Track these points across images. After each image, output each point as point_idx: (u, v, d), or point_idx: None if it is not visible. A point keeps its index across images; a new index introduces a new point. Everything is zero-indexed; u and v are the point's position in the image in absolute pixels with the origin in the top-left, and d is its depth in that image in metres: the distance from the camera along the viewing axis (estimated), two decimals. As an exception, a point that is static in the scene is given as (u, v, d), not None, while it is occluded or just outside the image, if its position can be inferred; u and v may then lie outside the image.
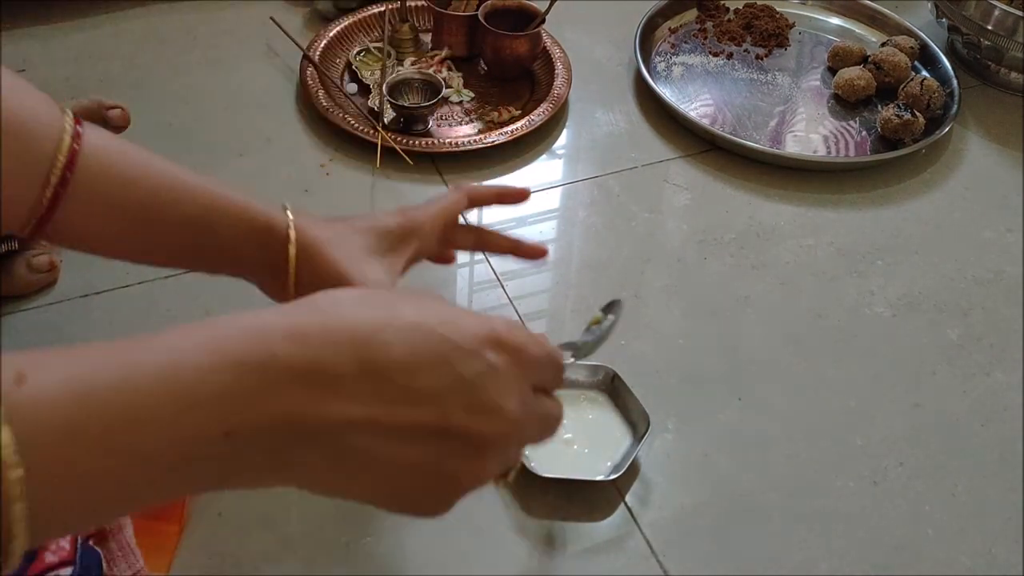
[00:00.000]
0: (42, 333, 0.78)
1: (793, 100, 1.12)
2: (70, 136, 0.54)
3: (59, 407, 0.33)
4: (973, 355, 0.85)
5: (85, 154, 0.55)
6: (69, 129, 0.54)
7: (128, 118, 0.83)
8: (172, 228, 0.58)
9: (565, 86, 1.06)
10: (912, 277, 0.92)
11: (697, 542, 0.69)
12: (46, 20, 1.11)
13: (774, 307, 0.88)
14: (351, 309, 0.40)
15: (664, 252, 0.92)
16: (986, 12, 1.12)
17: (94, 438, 0.34)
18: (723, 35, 1.20)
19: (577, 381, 0.74)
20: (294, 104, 1.04)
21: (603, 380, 0.74)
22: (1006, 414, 0.80)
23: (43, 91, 0.57)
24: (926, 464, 0.76)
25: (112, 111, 0.82)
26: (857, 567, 0.69)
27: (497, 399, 0.41)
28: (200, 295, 0.81)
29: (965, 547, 0.71)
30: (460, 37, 1.10)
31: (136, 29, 1.12)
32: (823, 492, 0.73)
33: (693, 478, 0.73)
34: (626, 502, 0.71)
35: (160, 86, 1.04)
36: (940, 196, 1.02)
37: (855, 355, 0.84)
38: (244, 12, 1.15)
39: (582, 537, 0.68)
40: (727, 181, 1.01)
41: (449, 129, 1.02)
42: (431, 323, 0.40)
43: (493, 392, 0.41)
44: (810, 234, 0.95)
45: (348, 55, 1.09)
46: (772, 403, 0.79)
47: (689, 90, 1.12)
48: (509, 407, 0.42)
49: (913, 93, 1.08)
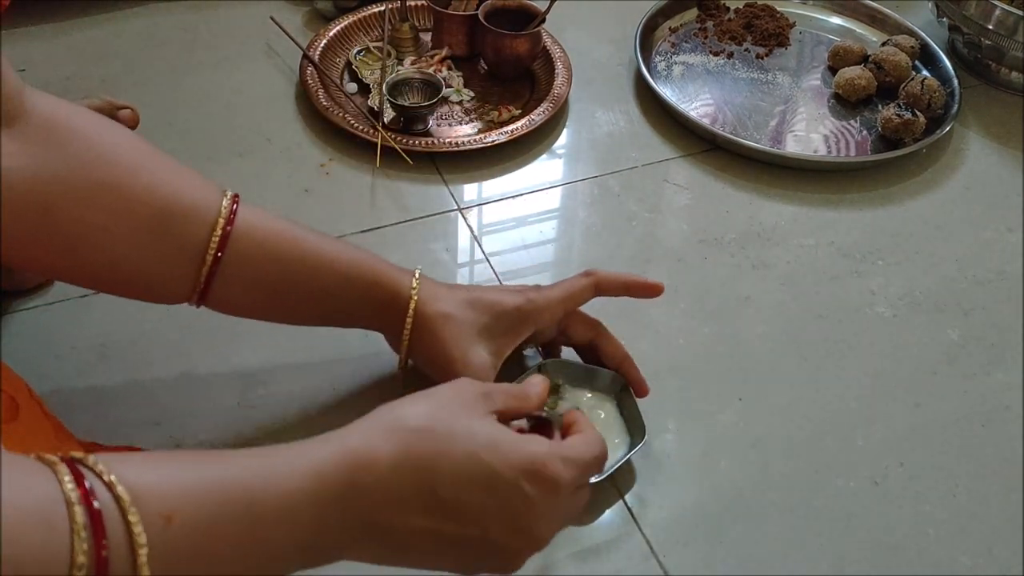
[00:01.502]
0: (42, 333, 0.78)
1: (794, 100, 1.12)
2: (224, 218, 0.60)
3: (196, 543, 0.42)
4: (973, 355, 0.85)
5: (236, 235, 0.61)
6: (224, 212, 0.61)
7: (138, 118, 0.84)
8: (309, 299, 0.65)
9: (565, 85, 1.06)
10: (912, 277, 0.92)
11: (697, 542, 0.69)
12: (46, 19, 1.10)
13: (774, 307, 0.88)
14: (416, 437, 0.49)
15: (664, 252, 0.92)
16: (987, 12, 1.12)
17: (217, 560, 0.43)
18: (723, 34, 1.20)
19: (589, 383, 0.73)
20: (294, 104, 1.04)
21: (611, 386, 0.73)
22: (1006, 414, 0.80)
23: (43, 90, 0.57)
24: (926, 464, 0.76)
25: (123, 111, 0.82)
26: (857, 567, 0.69)
27: (530, 524, 0.51)
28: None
29: (965, 547, 0.71)
30: (460, 36, 1.10)
31: (136, 29, 1.12)
32: (823, 492, 0.73)
33: (693, 478, 0.73)
34: (626, 502, 0.71)
35: (160, 85, 1.04)
36: (940, 196, 1.02)
37: (855, 355, 0.84)
38: (244, 11, 1.15)
39: (582, 537, 0.68)
40: (727, 181, 1.01)
41: (449, 129, 1.02)
42: (479, 452, 0.50)
43: (527, 519, 0.51)
44: (811, 234, 0.95)
45: (348, 54, 1.09)
46: (772, 403, 0.79)
47: (689, 90, 1.12)
48: (538, 531, 0.52)
49: (914, 93, 1.07)
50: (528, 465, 0.50)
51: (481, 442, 0.50)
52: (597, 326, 0.73)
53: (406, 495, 0.48)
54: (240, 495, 0.44)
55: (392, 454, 0.48)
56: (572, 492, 0.54)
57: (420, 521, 0.49)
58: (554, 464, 0.51)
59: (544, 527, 0.52)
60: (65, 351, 0.77)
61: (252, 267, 0.62)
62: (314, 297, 0.65)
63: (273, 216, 0.64)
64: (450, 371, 0.64)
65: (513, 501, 0.50)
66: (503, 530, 0.50)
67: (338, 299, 0.66)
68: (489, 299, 0.67)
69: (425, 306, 0.66)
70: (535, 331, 0.69)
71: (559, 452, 0.53)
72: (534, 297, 0.68)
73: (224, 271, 0.61)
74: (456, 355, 0.65)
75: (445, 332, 0.66)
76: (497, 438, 0.51)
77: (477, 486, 0.49)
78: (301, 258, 0.64)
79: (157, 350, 0.77)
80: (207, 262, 0.60)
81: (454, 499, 0.49)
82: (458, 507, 0.49)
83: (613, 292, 0.72)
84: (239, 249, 0.61)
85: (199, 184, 0.62)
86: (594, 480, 0.61)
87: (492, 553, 0.51)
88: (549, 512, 0.52)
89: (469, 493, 0.49)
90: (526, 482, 0.50)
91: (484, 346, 0.66)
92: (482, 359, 0.66)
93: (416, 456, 0.49)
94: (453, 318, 0.66)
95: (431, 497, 0.48)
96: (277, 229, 0.64)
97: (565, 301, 0.69)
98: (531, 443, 0.52)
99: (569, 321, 0.71)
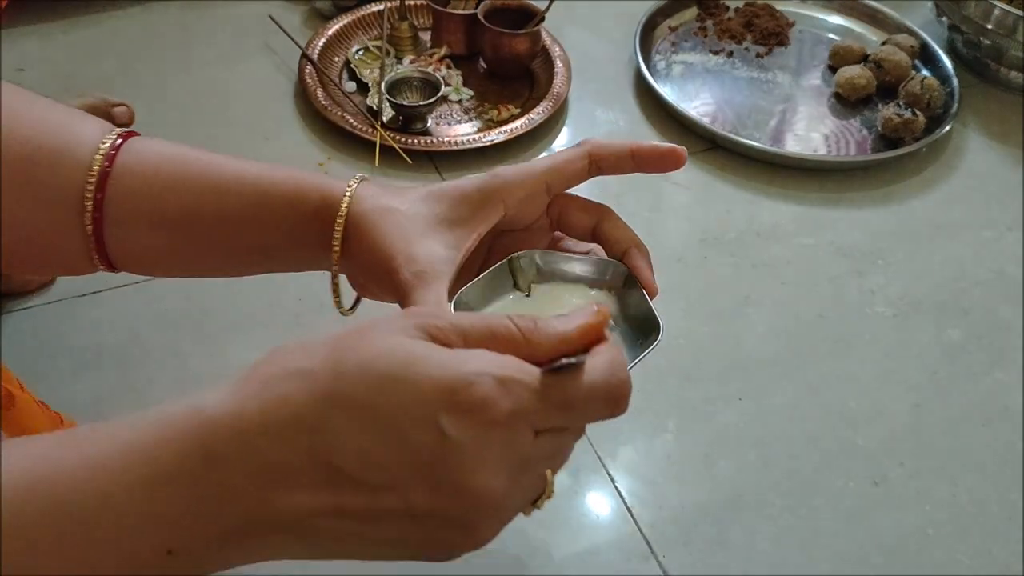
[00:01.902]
0: (42, 333, 0.78)
1: (794, 99, 1.12)
2: (102, 155, 0.50)
3: (15, 511, 0.34)
4: (973, 355, 0.85)
5: (120, 172, 0.50)
6: (104, 149, 0.50)
7: (133, 116, 0.84)
8: (222, 230, 0.52)
9: (565, 84, 1.06)
10: (912, 276, 0.92)
11: (697, 542, 0.69)
12: (45, 18, 1.10)
13: (774, 307, 0.87)
14: (295, 385, 0.35)
15: (664, 251, 0.92)
16: (986, 11, 1.12)
17: (44, 545, 0.34)
18: (723, 33, 1.20)
19: (579, 277, 0.53)
20: (292, 102, 1.04)
21: (612, 279, 0.53)
22: (1006, 414, 0.80)
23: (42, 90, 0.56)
24: (926, 464, 0.76)
25: (117, 109, 0.82)
26: (857, 567, 0.68)
27: (459, 477, 0.35)
28: (199, 296, 0.81)
29: (965, 547, 0.70)
30: (459, 35, 1.10)
31: (135, 27, 1.12)
32: (823, 492, 0.73)
33: (693, 478, 0.73)
34: (626, 502, 0.70)
35: (158, 84, 1.04)
36: (940, 195, 1.02)
37: (855, 355, 0.84)
38: (242, 10, 1.15)
39: (582, 537, 0.68)
40: (727, 180, 1.00)
41: (448, 128, 1.02)
42: (376, 393, 0.34)
43: (454, 468, 0.35)
44: (811, 233, 0.95)
45: (347, 53, 1.09)
46: (772, 403, 0.79)
47: (689, 89, 1.12)
48: (475, 483, 0.35)
49: (913, 92, 1.07)
50: (446, 390, 0.34)
51: (393, 369, 0.35)
52: (601, 209, 0.53)
53: (295, 463, 0.34)
54: (44, 490, 0.34)
55: (261, 410, 0.35)
56: (524, 429, 0.36)
57: (320, 497, 0.35)
58: (482, 385, 0.34)
59: (484, 480, 0.35)
60: (62, 351, 0.76)
61: (147, 204, 0.51)
62: (228, 226, 0.51)
63: (173, 144, 0.53)
64: (392, 275, 0.48)
65: (430, 447, 0.34)
66: (428, 493, 0.35)
67: (258, 223, 0.51)
68: (445, 185, 0.51)
69: (362, 203, 0.50)
70: (506, 215, 0.51)
71: (497, 369, 0.35)
72: (502, 171, 0.51)
73: (113, 215, 0.50)
74: (397, 250, 0.48)
75: (384, 226, 0.49)
76: (414, 359, 0.35)
77: (383, 435, 0.34)
78: (203, 182, 0.51)
79: (153, 350, 0.77)
80: (88, 208, 0.49)
81: (357, 460, 0.34)
82: (363, 471, 0.34)
83: (616, 166, 0.52)
84: (127, 186, 0.50)
85: (76, 125, 0.51)
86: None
87: (429, 529, 0.36)
88: (483, 457, 0.35)
89: (374, 446, 0.34)
90: (445, 414, 0.34)
91: (437, 238, 0.49)
92: (433, 252, 0.48)
93: (296, 406, 0.35)
94: (396, 211, 0.50)
95: (323, 462, 0.34)
96: (172, 155, 0.51)
97: (547, 174, 0.51)
98: (467, 360, 0.35)
99: (564, 206, 0.53)
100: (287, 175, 0.51)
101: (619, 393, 0.38)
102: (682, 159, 0.52)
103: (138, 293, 0.81)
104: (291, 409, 0.35)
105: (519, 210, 0.51)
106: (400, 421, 0.34)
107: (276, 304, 0.82)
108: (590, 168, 0.52)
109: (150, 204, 0.51)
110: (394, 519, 0.35)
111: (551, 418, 0.37)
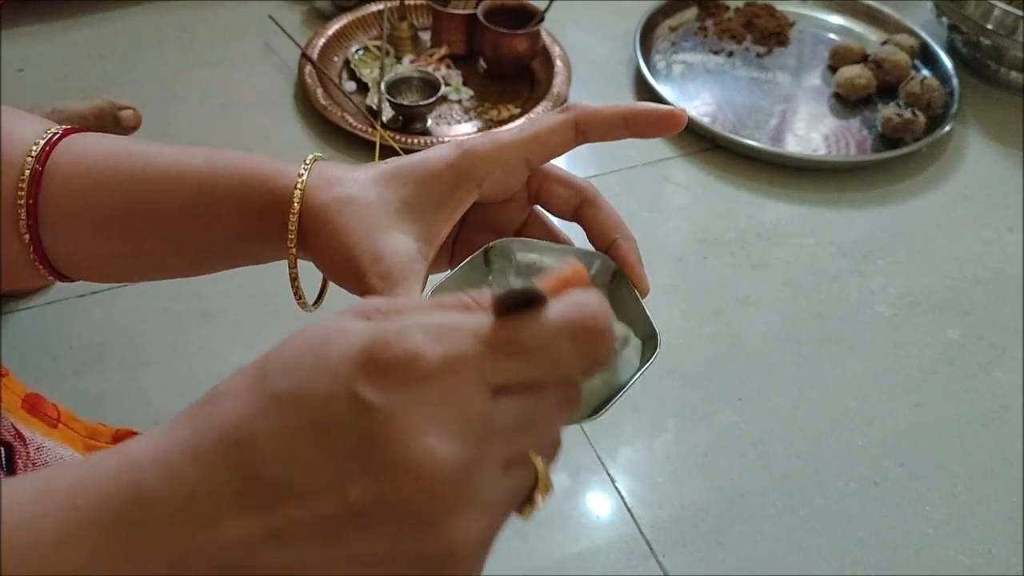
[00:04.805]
0: (40, 333, 0.78)
1: (794, 99, 1.12)
2: (34, 157, 0.46)
3: None
4: (973, 355, 0.85)
5: (54, 173, 0.47)
6: (36, 151, 0.46)
7: (140, 118, 0.83)
8: (166, 227, 0.47)
9: (565, 84, 1.06)
10: (913, 276, 0.92)
11: (697, 542, 0.69)
12: (45, 19, 1.10)
13: (775, 307, 0.87)
14: (229, 403, 0.30)
15: (664, 251, 0.92)
16: (986, 11, 1.12)
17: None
18: (723, 33, 1.20)
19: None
20: (292, 102, 1.04)
21: (598, 275, 0.47)
22: (1006, 414, 0.80)
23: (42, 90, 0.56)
24: (926, 464, 0.76)
25: (124, 111, 0.82)
26: (857, 567, 0.68)
27: (396, 451, 0.28)
28: (199, 296, 0.81)
29: (965, 547, 0.70)
30: (459, 35, 1.10)
31: (134, 27, 1.12)
32: (823, 492, 0.73)
33: (693, 478, 0.73)
34: (626, 502, 0.70)
35: (158, 84, 1.04)
36: (940, 195, 1.02)
37: (855, 355, 0.84)
38: (242, 10, 1.15)
39: (582, 537, 0.68)
40: (727, 180, 1.00)
41: (448, 127, 1.02)
42: (290, 384, 0.29)
43: (387, 442, 0.28)
44: (811, 233, 0.95)
45: (347, 53, 1.09)
46: (772, 403, 0.79)
47: (689, 88, 1.12)
48: (415, 453, 0.28)
49: (913, 92, 1.07)
50: (359, 355, 0.28)
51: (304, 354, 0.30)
52: (585, 189, 0.47)
53: (221, 489, 0.29)
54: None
55: (191, 439, 0.30)
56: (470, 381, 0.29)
57: (240, 527, 0.29)
58: (404, 340, 0.28)
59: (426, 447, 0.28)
60: (63, 351, 0.76)
61: (82, 205, 0.47)
62: (169, 225, 0.47)
63: (114, 138, 0.49)
64: (360, 278, 0.43)
65: (353, 425, 0.28)
66: (367, 482, 0.28)
67: (203, 220, 0.47)
68: (408, 164, 0.45)
69: (317, 194, 0.45)
70: (484, 194, 0.45)
71: (424, 318, 0.30)
72: (474, 144, 0.44)
73: (48, 219, 0.47)
74: (362, 249, 0.43)
75: (343, 220, 0.44)
76: (330, 336, 0.30)
77: (302, 427, 0.29)
78: (141, 178, 0.47)
79: (154, 351, 0.77)
80: (21, 215, 0.46)
81: (280, 465, 0.29)
82: (289, 474, 0.28)
83: (606, 134, 0.46)
84: (63, 187, 0.47)
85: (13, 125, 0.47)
86: (592, 417, 0.39)
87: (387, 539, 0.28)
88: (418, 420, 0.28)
89: (294, 443, 0.29)
90: (362, 382, 0.28)
91: (405, 229, 0.44)
92: (401, 247, 0.43)
93: (222, 427, 0.30)
94: (355, 201, 0.44)
95: (250, 478, 0.29)
96: (110, 151, 0.47)
97: (527, 146, 0.45)
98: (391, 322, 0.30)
99: (544, 179, 0.47)
100: (232, 165, 0.46)
101: (590, 327, 0.30)
102: (681, 122, 0.46)
103: (138, 293, 0.81)
104: (218, 425, 0.30)
105: (495, 187, 0.45)
106: (313, 404, 0.28)
107: (276, 304, 0.82)
108: (576, 137, 0.45)
109: (85, 205, 0.47)
110: (342, 534, 0.29)
111: (505, 368, 0.29)
